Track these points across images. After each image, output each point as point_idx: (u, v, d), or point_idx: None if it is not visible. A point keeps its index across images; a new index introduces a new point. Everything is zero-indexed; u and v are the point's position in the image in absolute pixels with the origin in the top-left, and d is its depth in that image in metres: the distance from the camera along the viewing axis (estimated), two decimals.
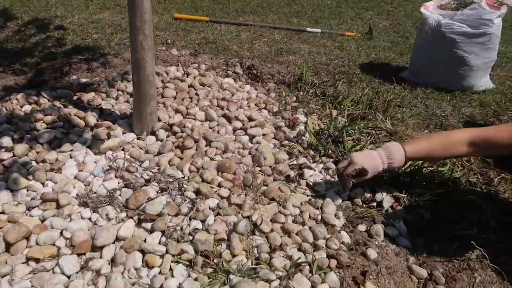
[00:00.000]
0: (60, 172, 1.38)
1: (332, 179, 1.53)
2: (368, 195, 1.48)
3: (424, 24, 2.52)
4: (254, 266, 1.11)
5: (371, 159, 1.38)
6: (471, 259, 1.32)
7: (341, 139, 1.68)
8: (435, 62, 2.51)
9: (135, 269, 1.10)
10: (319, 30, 3.52)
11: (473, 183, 1.61)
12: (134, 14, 1.39)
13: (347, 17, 4.11)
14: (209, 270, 1.11)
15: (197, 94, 1.87)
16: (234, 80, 2.27)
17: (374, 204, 1.46)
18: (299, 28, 3.57)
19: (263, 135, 1.69)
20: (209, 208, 1.28)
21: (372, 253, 1.24)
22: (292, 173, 1.51)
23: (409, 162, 1.56)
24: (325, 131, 1.74)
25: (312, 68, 2.69)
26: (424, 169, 1.57)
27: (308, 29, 3.54)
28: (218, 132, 1.67)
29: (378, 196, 1.47)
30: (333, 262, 1.16)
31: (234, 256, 1.14)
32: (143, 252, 1.14)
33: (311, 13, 4.12)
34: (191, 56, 2.68)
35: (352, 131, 1.77)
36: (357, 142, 1.72)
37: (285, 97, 2.14)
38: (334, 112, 1.98)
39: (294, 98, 2.21)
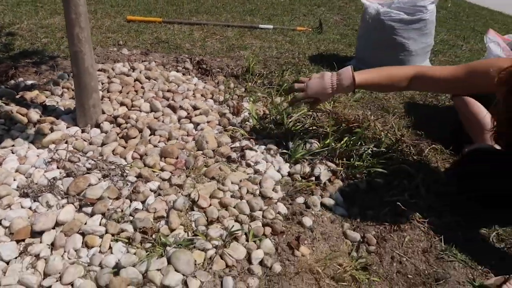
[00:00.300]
0: (0, 166, 1.39)
1: (273, 158, 1.60)
2: (307, 170, 1.56)
3: (365, 13, 2.65)
4: (191, 238, 1.16)
5: (322, 87, 1.51)
6: (401, 221, 1.41)
7: (282, 121, 1.75)
8: (377, 49, 2.63)
9: (75, 250, 1.13)
10: (271, 27, 3.61)
11: (406, 154, 1.71)
12: (68, 7, 1.43)
13: (299, 14, 4.22)
14: (148, 245, 1.15)
15: (142, 88, 1.90)
16: (184, 74, 2.32)
17: (313, 178, 1.54)
18: (251, 25, 3.65)
19: (208, 122, 1.74)
20: (150, 190, 1.32)
21: (308, 221, 1.32)
22: (234, 155, 1.57)
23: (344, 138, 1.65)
24: (267, 116, 1.81)
25: (263, 61, 2.77)
26: (359, 142, 1.66)
27: (261, 25, 3.62)
28: (163, 122, 1.71)
29: (317, 171, 1.55)
30: (268, 230, 1.23)
31: (172, 230, 1.18)
32: (83, 234, 1.17)
33: (264, 11, 4.21)
34: (142, 55, 2.70)
35: (293, 114, 1.85)
36: (298, 123, 1.79)
37: (233, 88, 2.21)
38: (279, 99, 2.06)
39: (243, 89, 2.27)
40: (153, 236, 1.16)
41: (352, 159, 1.59)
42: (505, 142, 1.34)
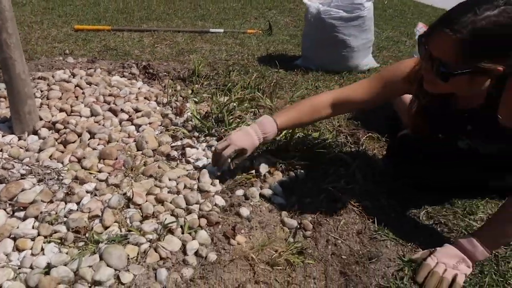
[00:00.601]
0: None
1: None
2: (247, 163, 1.60)
3: (307, 13, 2.73)
4: (125, 233, 1.18)
5: (247, 137, 1.44)
6: (337, 206, 1.47)
7: (223, 119, 1.79)
8: (321, 47, 2.72)
9: (6, 255, 1.12)
10: (222, 30, 3.66)
11: (343, 143, 1.78)
12: None
13: (250, 17, 4.30)
14: (81, 244, 1.15)
15: (83, 93, 1.90)
16: (130, 79, 2.32)
17: (253, 171, 1.58)
18: (202, 29, 3.68)
19: (150, 123, 1.76)
20: (86, 192, 1.33)
21: (245, 211, 1.35)
22: (175, 153, 1.59)
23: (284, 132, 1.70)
24: (210, 114, 1.84)
25: (212, 63, 2.80)
26: (297, 134, 1.72)
27: (212, 30, 3.66)
28: (103, 125, 1.71)
29: (256, 164, 1.59)
30: (203, 221, 1.26)
31: (106, 228, 1.19)
32: (14, 238, 1.16)
33: (216, 16, 4.26)
34: (89, 62, 2.68)
35: (237, 111, 1.89)
36: (239, 119, 1.84)
37: (180, 90, 2.23)
38: (225, 98, 2.09)
39: (189, 91, 2.30)
40: (86, 235, 1.17)
41: (291, 151, 1.64)
42: (422, 135, 1.42)
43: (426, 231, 1.39)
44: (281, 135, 1.70)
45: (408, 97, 1.69)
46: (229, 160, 1.45)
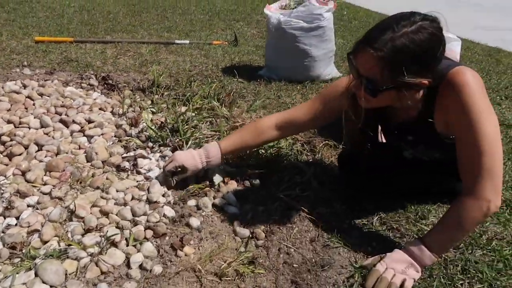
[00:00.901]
0: None
1: None
2: (201, 174, 1.57)
3: (268, 23, 2.75)
4: (64, 248, 1.13)
5: (191, 158, 1.44)
6: (291, 214, 1.46)
7: (178, 129, 1.76)
8: (283, 57, 2.74)
9: None
10: (187, 42, 3.65)
11: (299, 151, 1.78)
12: None
13: (217, 29, 4.31)
14: (17, 260, 1.10)
15: (34, 104, 1.84)
16: (88, 90, 2.27)
17: (207, 182, 1.55)
18: (167, 41, 3.66)
19: (102, 134, 1.72)
20: (28, 205, 1.27)
21: (195, 221, 1.32)
22: (126, 164, 1.55)
23: None
24: (165, 124, 1.81)
25: (175, 74, 2.78)
26: None
27: (177, 41, 3.65)
28: (53, 137, 1.65)
29: (210, 173, 1.56)
30: (149, 233, 1.22)
31: (45, 242, 1.14)
32: None
33: (182, 27, 4.25)
34: (47, 74, 2.62)
35: (195, 120, 1.87)
36: (195, 128, 1.81)
37: (139, 101, 2.20)
38: (183, 108, 2.07)
39: (149, 102, 2.27)
40: (23, 251, 1.11)
41: (245, 160, 1.63)
42: (355, 144, 1.45)
43: (379, 237, 1.40)
44: None
45: None
46: (171, 176, 1.45)
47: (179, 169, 1.42)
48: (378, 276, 1.17)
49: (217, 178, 1.54)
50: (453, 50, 1.97)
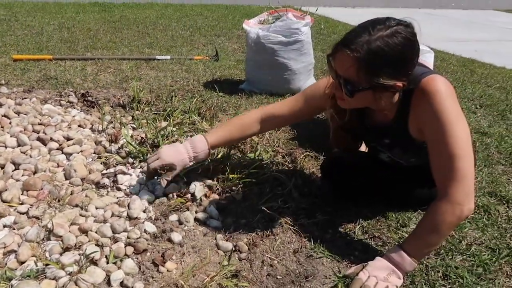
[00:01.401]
0: None
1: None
2: (182, 187, 1.56)
3: (247, 38, 2.78)
4: (41, 267, 1.10)
5: (177, 154, 1.46)
6: (273, 226, 1.46)
7: (159, 144, 1.76)
8: (263, 71, 2.77)
9: None
10: (168, 57, 3.65)
11: (280, 163, 1.79)
12: None
13: (199, 44, 4.33)
14: None
15: (10, 123, 1.81)
16: (67, 108, 2.25)
17: (188, 195, 1.54)
18: (149, 57, 3.66)
19: (81, 151, 1.70)
20: (4, 226, 1.24)
21: (176, 236, 1.31)
22: (106, 181, 1.53)
23: (219, 153, 1.69)
24: (145, 140, 1.80)
25: (156, 89, 2.77)
26: (234, 155, 1.71)
27: (158, 57, 3.65)
28: (30, 156, 1.63)
29: (192, 187, 1.56)
30: (130, 249, 1.20)
31: (22, 263, 1.11)
32: None
33: (164, 43, 4.25)
34: (25, 92, 2.58)
35: (176, 135, 1.87)
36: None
37: (119, 117, 2.18)
38: (164, 123, 2.07)
39: (130, 118, 2.25)
40: None
41: (226, 173, 1.62)
42: (340, 146, 1.49)
43: (361, 245, 1.41)
44: (217, 156, 1.68)
45: None
46: (160, 176, 1.45)
47: (166, 168, 1.42)
48: (361, 284, 1.17)
49: (199, 192, 1.54)
50: (426, 61, 2.02)
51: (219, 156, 1.69)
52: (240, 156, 1.73)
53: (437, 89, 1.13)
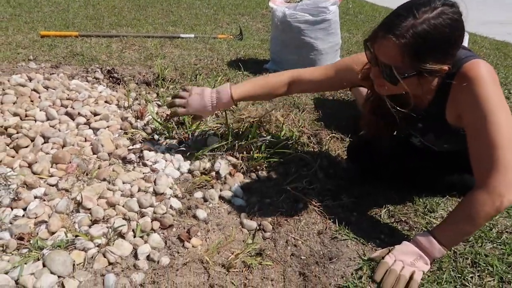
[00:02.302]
0: None
1: (172, 157, 1.59)
2: (207, 166, 1.56)
3: (273, 17, 2.73)
4: (71, 239, 1.12)
5: (202, 103, 1.51)
6: (298, 206, 1.45)
7: (184, 121, 1.75)
8: (288, 50, 2.72)
9: None
10: (192, 35, 3.63)
11: (305, 143, 1.77)
12: None
13: (223, 23, 4.29)
14: (25, 250, 1.10)
15: (39, 97, 1.84)
16: (93, 84, 2.26)
17: (213, 173, 1.54)
18: (173, 35, 3.65)
19: (108, 127, 1.71)
20: (35, 197, 1.27)
21: (201, 213, 1.31)
22: (133, 156, 1.54)
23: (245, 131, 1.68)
24: (169, 116, 1.80)
25: (180, 68, 2.77)
26: (258, 135, 1.69)
27: (182, 35, 3.63)
28: (59, 129, 1.65)
29: (217, 165, 1.55)
30: (156, 224, 1.21)
31: (52, 233, 1.14)
32: None
33: (187, 22, 4.23)
34: (52, 68, 2.62)
35: None
36: (200, 121, 1.80)
37: (145, 94, 2.19)
38: None
39: (155, 95, 2.26)
40: (31, 241, 1.11)
41: (251, 152, 1.61)
42: (372, 131, 1.43)
43: (387, 229, 1.38)
44: (242, 136, 1.67)
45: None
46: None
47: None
48: (387, 268, 1.16)
49: (224, 170, 1.53)
50: None
51: (243, 135, 1.68)
52: (265, 135, 1.71)
53: (480, 75, 1.07)
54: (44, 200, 1.26)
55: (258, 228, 1.35)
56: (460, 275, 1.18)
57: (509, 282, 1.16)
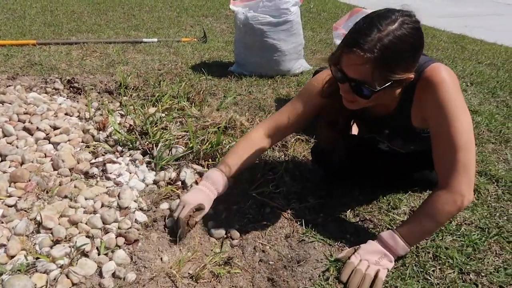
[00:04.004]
0: None
1: (137, 168, 1.57)
2: (173, 175, 1.55)
3: (236, 19, 2.73)
4: (32, 261, 1.09)
5: (200, 194, 1.33)
6: (265, 211, 1.46)
7: (147, 131, 1.73)
8: (252, 52, 2.73)
9: None
10: (155, 40, 3.58)
11: (271, 148, 1.77)
12: None
13: (186, 25, 4.25)
14: None
15: None
16: (53, 95, 2.20)
17: (179, 183, 1.53)
18: (135, 40, 3.59)
19: (69, 140, 1.67)
20: None
21: (168, 224, 1.30)
22: (95, 170, 1.51)
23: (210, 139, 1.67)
24: (133, 127, 1.78)
25: (143, 74, 2.73)
26: (223, 141, 1.69)
27: (145, 39, 3.58)
28: (16, 146, 1.60)
29: (182, 174, 1.54)
30: (121, 240, 1.20)
31: (12, 257, 1.10)
32: None
33: (150, 25, 4.17)
34: (9, 79, 2.52)
35: (165, 121, 1.84)
36: (165, 129, 1.79)
37: (107, 104, 2.14)
38: (152, 109, 2.03)
39: (118, 104, 2.22)
40: None
41: (217, 159, 1.61)
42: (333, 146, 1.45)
43: (352, 228, 1.41)
44: (206, 144, 1.66)
45: None
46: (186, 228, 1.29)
47: (195, 210, 1.30)
48: (353, 268, 1.18)
49: (189, 179, 1.53)
50: None
51: (209, 143, 1.67)
52: (230, 141, 1.71)
53: (442, 79, 1.12)
54: (2, 222, 1.22)
55: (225, 236, 1.35)
56: (422, 269, 1.22)
57: (468, 273, 1.21)
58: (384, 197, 1.55)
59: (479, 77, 2.88)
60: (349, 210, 1.49)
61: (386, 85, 1.07)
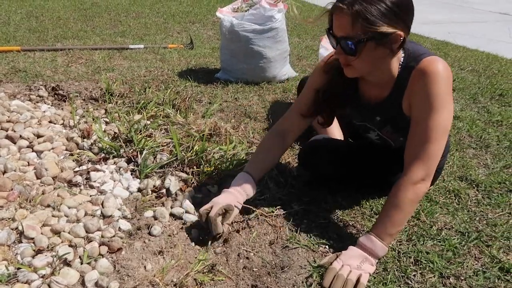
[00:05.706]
0: None
1: (121, 176, 1.57)
2: (157, 183, 1.55)
3: (221, 27, 2.75)
4: (13, 271, 1.09)
5: (230, 196, 1.37)
6: (249, 218, 1.47)
7: (132, 139, 1.73)
8: (238, 59, 2.74)
9: None
10: (142, 46, 3.58)
11: None
12: None
13: (173, 32, 4.25)
14: None
15: None
16: (37, 102, 2.19)
17: (163, 190, 1.54)
18: (121, 46, 3.58)
19: (52, 149, 1.66)
20: None
21: (153, 231, 1.30)
22: (79, 178, 1.51)
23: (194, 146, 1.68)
24: (119, 135, 1.78)
25: (129, 81, 2.72)
26: (208, 148, 1.70)
27: (131, 46, 3.57)
28: None
29: (167, 182, 1.55)
30: (104, 249, 1.20)
31: None
32: None
33: (136, 32, 4.17)
34: None
35: (150, 128, 1.85)
36: (150, 137, 1.79)
37: (91, 111, 2.14)
38: (137, 116, 2.04)
39: (103, 111, 2.21)
40: None
41: (201, 166, 1.62)
42: (322, 121, 1.49)
43: (336, 234, 1.43)
44: (191, 151, 1.67)
45: None
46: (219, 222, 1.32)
47: (224, 210, 1.32)
48: (335, 274, 1.20)
49: (174, 187, 1.53)
50: None
51: (193, 150, 1.68)
52: (215, 148, 1.72)
53: (436, 71, 1.16)
54: None
55: (209, 243, 1.35)
56: (403, 274, 1.24)
57: (448, 277, 1.23)
58: (367, 203, 1.57)
59: (461, 83, 2.93)
60: (333, 216, 1.50)
61: (368, 37, 1.10)
